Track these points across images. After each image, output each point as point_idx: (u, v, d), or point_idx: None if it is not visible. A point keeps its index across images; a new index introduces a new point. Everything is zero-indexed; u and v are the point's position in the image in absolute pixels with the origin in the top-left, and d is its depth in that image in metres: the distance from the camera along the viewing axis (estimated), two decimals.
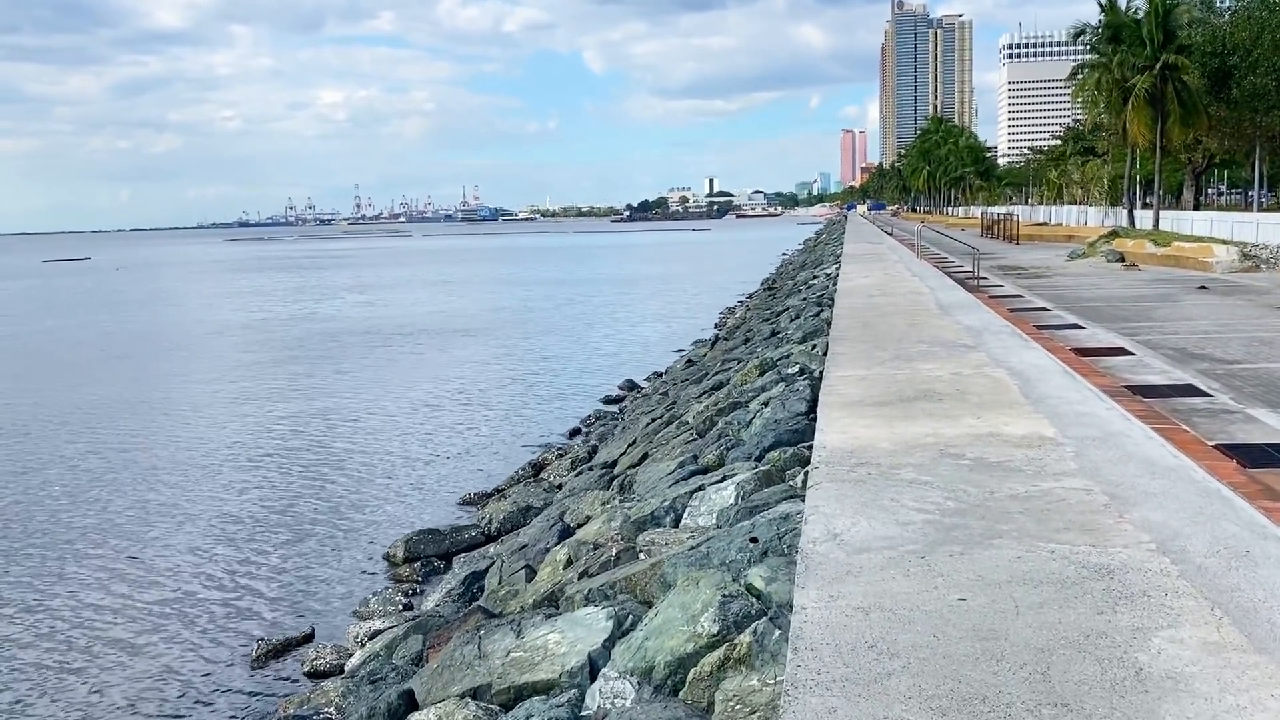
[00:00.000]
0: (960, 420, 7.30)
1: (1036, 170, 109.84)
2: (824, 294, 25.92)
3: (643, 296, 58.04)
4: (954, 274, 27.10)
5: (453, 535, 13.22)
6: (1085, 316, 17.63)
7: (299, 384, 28.40)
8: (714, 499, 9.10)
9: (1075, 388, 8.52)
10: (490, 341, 37.61)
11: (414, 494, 16.46)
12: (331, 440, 20.80)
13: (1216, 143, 51.38)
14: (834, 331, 13.37)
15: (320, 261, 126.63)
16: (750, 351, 21.36)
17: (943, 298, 17.92)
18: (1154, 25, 42.53)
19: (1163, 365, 12.36)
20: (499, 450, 19.55)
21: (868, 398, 8.21)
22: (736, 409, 13.49)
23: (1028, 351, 10.67)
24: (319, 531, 14.70)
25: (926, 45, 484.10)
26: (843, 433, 6.96)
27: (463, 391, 26.52)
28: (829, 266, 37.39)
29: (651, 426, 16.11)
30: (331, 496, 16.49)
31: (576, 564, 9.10)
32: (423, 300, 59.25)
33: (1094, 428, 7.07)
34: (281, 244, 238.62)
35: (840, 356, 10.80)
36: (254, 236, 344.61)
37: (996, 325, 13.30)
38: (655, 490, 10.71)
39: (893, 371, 9.54)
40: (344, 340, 38.83)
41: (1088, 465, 5.80)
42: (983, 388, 8.40)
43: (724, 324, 37.80)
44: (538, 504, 13.88)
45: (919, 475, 5.54)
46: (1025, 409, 7.49)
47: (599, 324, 43.66)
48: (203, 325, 47.69)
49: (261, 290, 72.86)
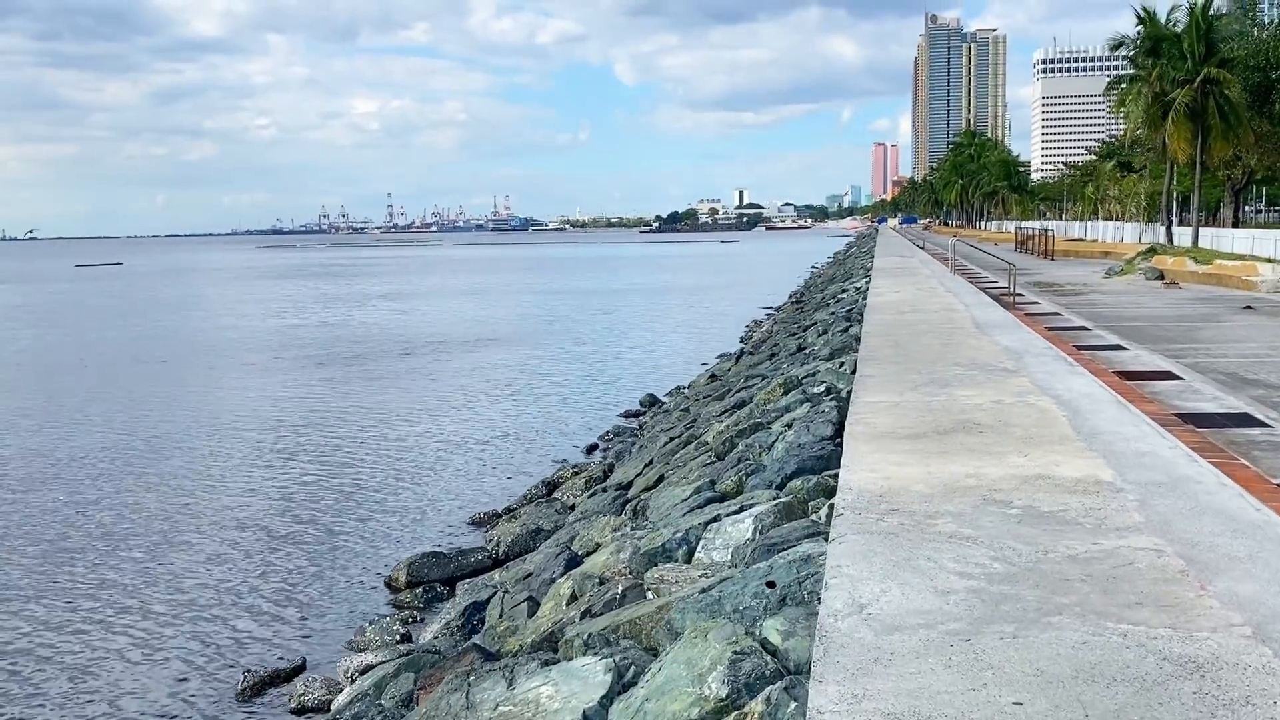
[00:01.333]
0: (1004, 458, 6.55)
1: (1071, 185, 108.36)
2: (853, 308, 25.18)
3: (669, 308, 57.37)
4: (989, 289, 26.27)
5: (458, 559, 12.60)
6: (1127, 337, 16.81)
7: (320, 394, 27.92)
8: (730, 532, 8.42)
9: (1132, 421, 7.81)
10: (515, 352, 37.06)
11: (423, 512, 15.85)
12: (346, 452, 20.26)
13: (1257, 159, 50.20)
14: (863, 351, 12.61)
15: (351, 269, 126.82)
16: (775, 368, 20.65)
17: (978, 315, 17.12)
18: (1195, 38, 41.51)
19: (1214, 391, 11.56)
20: (515, 465, 18.94)
21: (899, 429, 7.47)
22: (758, 431, 12.80)
23: (1074, 377, 9.86)
24: (322, 550, 14.12)
25: (960, 59, 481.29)
26: (871, 470, 6.23)
27: (484, 403, 25.96)
28: (859, 280, 36.60)
29: (669, 446, 15.44)
30: (339, 513, 15.91)
31: (580, 600, 8.43)
32: (451, 309, 58.89)
33: (1158, 471, 6.26)
34: (313, 251, 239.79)
35: (869, 380, 10.03)
36: (286, 244, 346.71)
37: (1038, 346, 12.48)
38: (668, 519, 10.04)
39: (927, 398, 8.77)
40: (369, 349, 38.40)
41: (1155, 518, 5.03)
42: (1027, 419, 7.62)
43: (750, 338, 37.07)
44: (548, 526, 13.24)
45: (959, 527, 4.81)
46: (1077, 445, 6.71)
47: (624, 335, 43.04)
48: (227, 332, 47.43)
49: (290, 297, 72.76)
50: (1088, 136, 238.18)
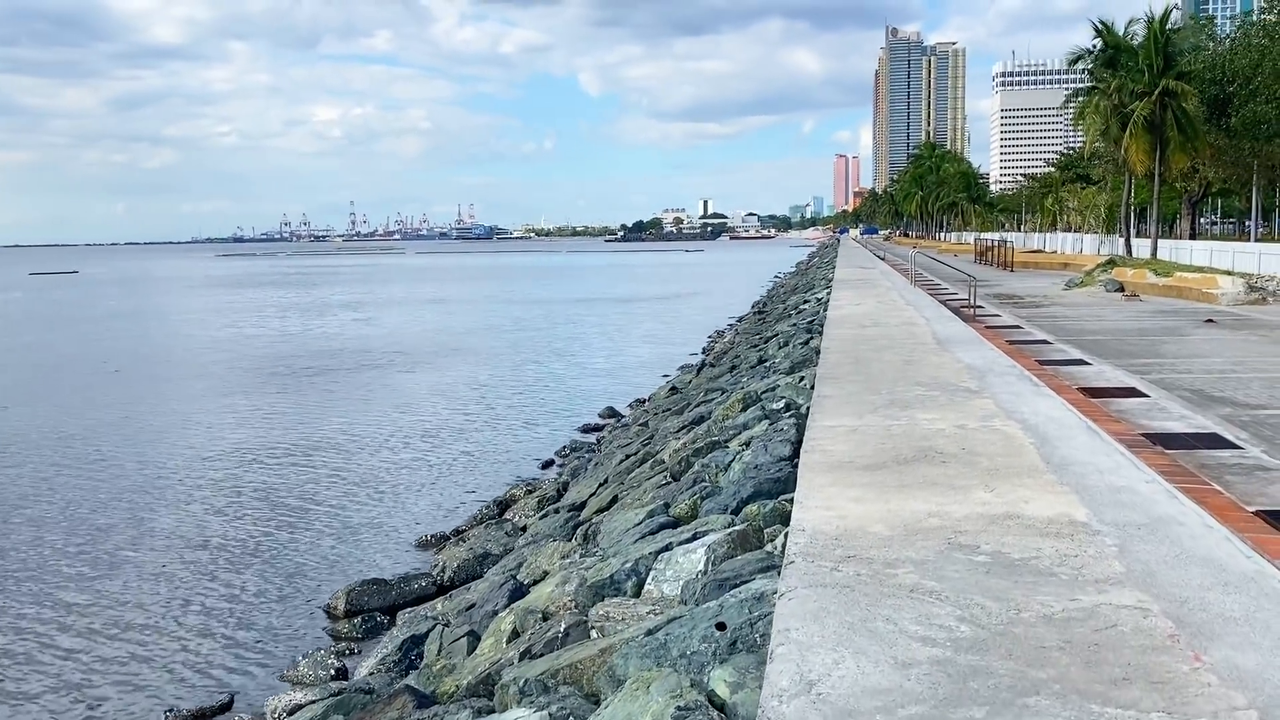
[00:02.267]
0: (969, 493, 6.08)
1: (1029, 197, 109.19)
2: (814, 320, 24.84)
3: (633, 317, 56.96)
4: (949, 302, 26.03)
5: (400, 586, 12.04)
6: (1090, 351, 16.54)
7: (271, 407, 27.18)
8: (681, 563, 7.95)
9: (1104, 450, 7.34)
10: (475, 363, 36.45)
11: (370, 534, 15.26)
12: (293, 469, 19.61)
13: (1214, 171, 50.56)
14: (821, 368, 12.14)
15: (312, 278, 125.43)
16: (735, 381, 20.23)
17: (939, 329, 16.75)
18: (1153, 51, 41.69)
19: (1181, 409, 11.25)
20: (468, 483, 18.39)
21: (858, 457, 6.99)
22: (715, 450, 12.34)
23: (1040, 399, 9.43)
24: (261, 574, 13.51)
25: (920, 72, 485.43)
26: (827, 508, 5.72)
27: (440, 417, 25.36)
28: (820, 291, 36.33)
29: (625, 464, 14.95)
30: (281, 534, 15.29)
31: (522, 638, 7.93)
32: (412, 319, 58.11)
33: (1136, 509, 5.76)
34: (274, 259, 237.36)
35: (827, 401, 9.54)
36: (247, 252, 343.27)
37: (1001, 364, 12.08)
38: (619, 545, 9.56)
39: (887, 422, 8.30)
40: (326, 360, 37.63)
41: (1137, 568, 4.52)
42: (993, 447, 7.15)
43: (712, 349, 36.70)
44: (497, 550, 12.72)
45: (922, 578, 4.34)
46: (1047, 479, 6.27)
47: (587, 345, 42.55)
48: (181, 342, 46.45)
49: (248, 306, 71.61)
50: (1046, 149, 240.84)
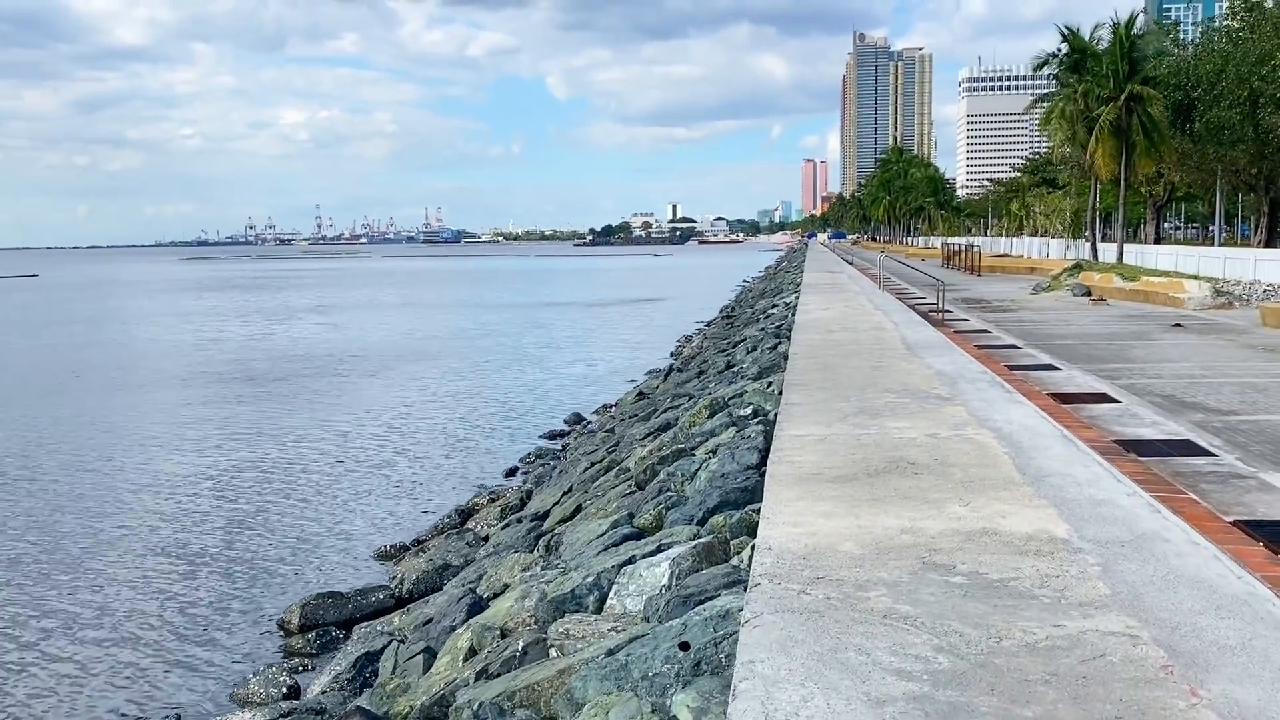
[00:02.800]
0: (944, 507, 5.80)
1: (996, 202, 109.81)
2: (783, 324, 24.64)
3: (600, 322, 56.65)
4: (917, 306, 25.91)
5: (357, 599, 11.67)
6: (1059, 356, 16.40)
7: (231, 414, 26.66)
8: (645, 577, 7.66)
9: (1081, 460, 7.11)
10: (440, 368, 36.01)
11: (327, 545, 14.86)
12: (252, 477, 19.15)
13: (1179, 176, 50.89)
14: (789, 374, 11.87)
15: (277, 282, 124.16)
16: (702, 387, 19.98)
17: (909, 334, 16.54)
18: (1119, 56, 41.89)
19: (1152, 415, 11.08)
20: (429, 491, 18.01)
21: (827, 469, 6.71)
22: (681, 458, 12.07)
23: (1013, 406, 9.18)
24: (213, 588, 13.09)
25: (887, 77, 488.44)
26: (794, 525, 5.47)
27: (403, 423, 24.94)
28: (788, 295, 36.17)
29: (590, 472, 14.65)
30: (237, 544, 14.86)
31: (479, 655, 7.61)
32: (377, 323, 57.49)
33: (1118, 524, 5.48)
34: (239, 263, 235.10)
35: (795, 409, 9.25)
36: (211, 256, 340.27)
37: (972, 370, 11.85)
38: (582, 558, 9.26)
39: (857, 431, 8.03)
40: (289, 366, 37.06)
41: (1123, 590, 4.30)
42: (967, 457, 6.92)
43: (679, 353, 36.46)
44: (457, 562, 12.38)
45: (896, 602, 4.06)
46: (1024, 491, 6.02)
47: (554, 350, 42.19)
48: (141, 347, 45.67)
49: (211, 311, 70.65)
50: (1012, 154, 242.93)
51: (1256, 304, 24.69)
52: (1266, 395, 12.48)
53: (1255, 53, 39.79)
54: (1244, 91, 40.25)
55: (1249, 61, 40.17)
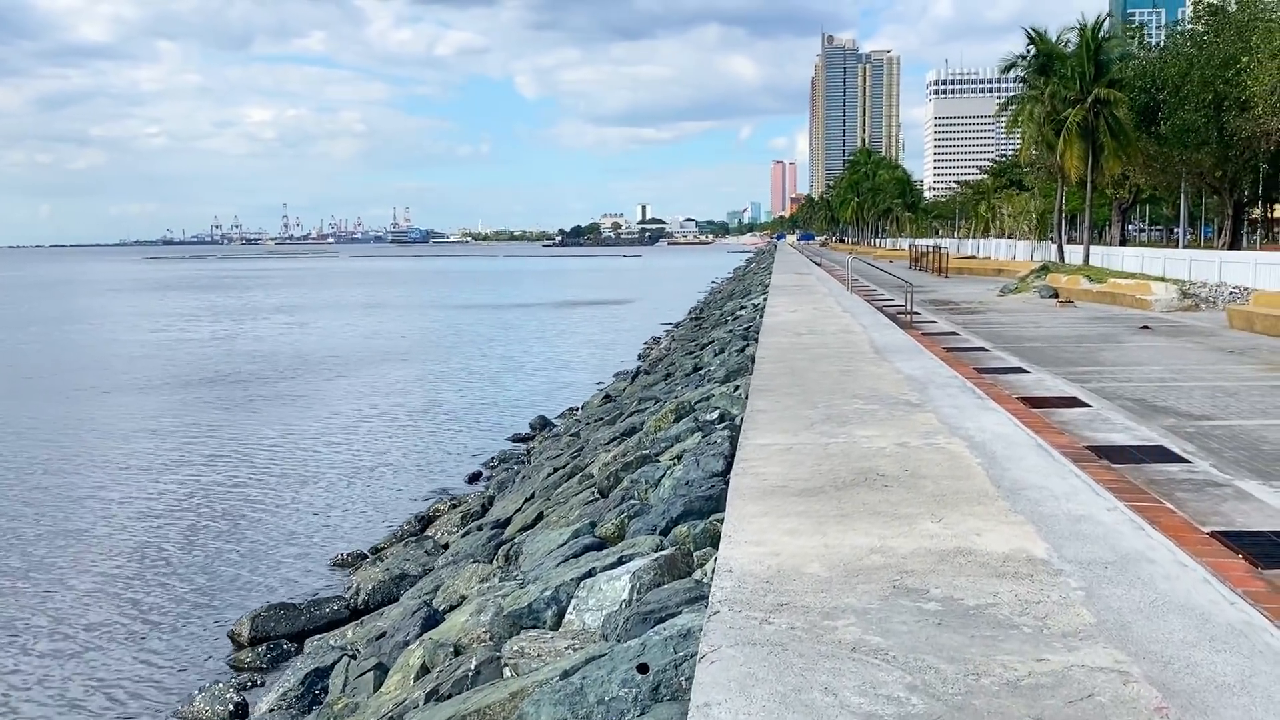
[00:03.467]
0: (915, 524, 5.49)
1: (963, 203, 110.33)
2: (751, 326, 24.41)
3: (569, 323, 56.28)
4: (885, 308, 25.76)
5: (310, 610, 11.30)
6: (1028, 359, 16.25)
7: (189, 417, 26.11)
8: (605, 591, 7.36)
9: (1058, 472, 6.83)
10: (405, 370, 35.55)
11: (282, 553, 14.46)
12: (207, 482, 18.68)
13: (1144, 178, 51.19)
14: (755, 379, 11.57)
15: (242, 281, 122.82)
16: (669, 390, 19.71)
17: (877, 337, 16.32)
18: (1085, 58, 42.03)
19: (1124, 420, 10.90)
20: (390, 496, 17.62)
21: (793, 481, 6.40)
22: (645, 464, 11.78)
23: (985, 413, 8.92)
24: (163, 598, 12.67)
25: (855, 80, 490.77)
26: (758, 544, 5.16)
27: (365, 426, 24.51)
28: (757, 297, 35.98)
29: (553, 478, 14.32)
30: (188, 554, 14.42)
31: (431, 674, 7.29)
32: (343, 324, 56.81)
33: (1100, 543, 5.18)
34: (204, 263, 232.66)
35: (761, 416, 8.96)
36: (176, 255, 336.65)
37: (942, 375, 11.60)
38: (541, 569, 8.95)
39: (824, 440, 7.73)
40: (250, 368, 36.46)
41: (1109, 618, 4.01)
42: (939, 468, 6.63)
43: (647, 355, 36.18)
44: (415, 571, 12.03)
45: (865, 633, 3.76)
46: (999, 506, 5.73)
47: (522, 352, 41.79)
48: (99, 348, 44.85)
49: (174, 311, 69.63)
50: (979, 156, 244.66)
51: (1223, 306, 24.72)
52: (1237, 399, 12.35)
53: (1220, 56, 40.05)
54: (1209, 95, 40.51)
55: (1213, 65, 40.43)
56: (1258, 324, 19.85)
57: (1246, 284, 27.50)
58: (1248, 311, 20.77)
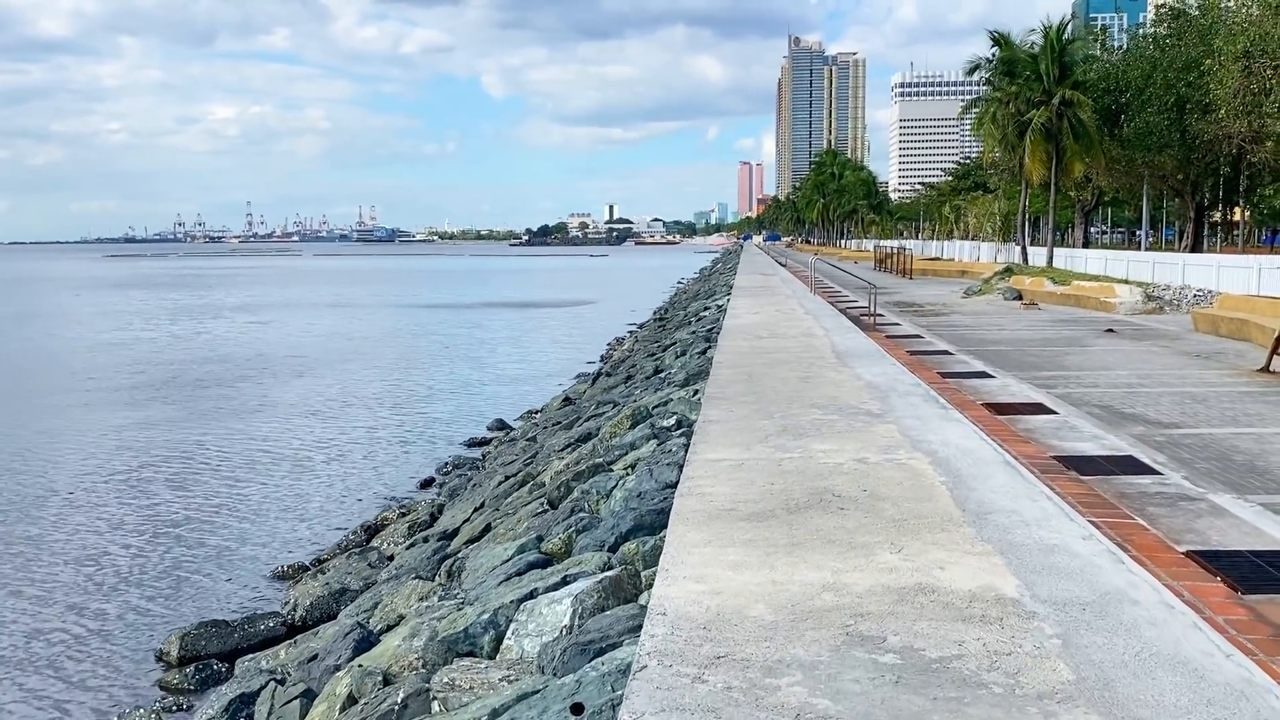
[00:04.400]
0: (873, 554, 5.00)
1: (928, 205, 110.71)
2: (714, 328, 24.00)
3: (533, 323, 55.70)
4: (849, 310, 25.44)
5: (244, 628, 10.74)
6: (992, 363, 15.92)
7: (132, 419, 25.35)
8: (545, 615, 6.88)
9: (1027, 492, 6.36)
10: (362, 370, 34.86)
11: (222, 563, 13.86)
12: (147, 487, 18.02)
13: (1107, 180, 51.34)
14: (710, 387, 11.09)
15: (204, 280, 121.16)
16: (628, 394, 19.25)
17: (839, 341, 15.91)
18: (1050, 60, 42.02)
19: (1092, 428, 10.55)
20: (339, 504, 17.03)
21: (742, 502, 5.91)
22: (598, 474, 11.31)
23: (949, 425, 8.47)
24: (90, 613, 12.05)
25: (822, 81, 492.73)
26: (698, 580, 4.66)
27: (319, 428, 23.87)
28: (721, 298, 35.60)
29: (504, 486, 13.82)
30: (120, 563, 13.79)
31: (357, 706, 6.78)
32: (304, 325, 55.89)
33: (1076, 579, 4.69)
34: (166, 260, 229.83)
35: (713, 428, 8.50)
36: (137, 253, 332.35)
37: (905, 382, 11.18)
38: (482, 588, 8.46)
39: (779, 454, 7.23)
40: (203, 368, 35.63)
41: (1090, 674, 3.55)
42: (899, 488, 6.14)
43: (610, 356, 35.71)
44: (356, 586, 11.48)
45: (812, 694, 3.25)
46: (964, 532, 5.25)
47: (484, 352, 41.21)
48: (46, 349, 43.80)
49: (132, 310, 68.35)
50: (944, 158, 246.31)
51: (1187, 309, 24.58)
52: (1206, 406, 12.04)
53: (1182, 59, 40.18)
54: (1171, 97, 40.64)
55: (1176, 68, 40.57)
56: (1222, 327, 19.66)
57: (1210, 287, 27.42)
58: (1212, 315, 20.59)
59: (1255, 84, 28.26)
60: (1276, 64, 26.70)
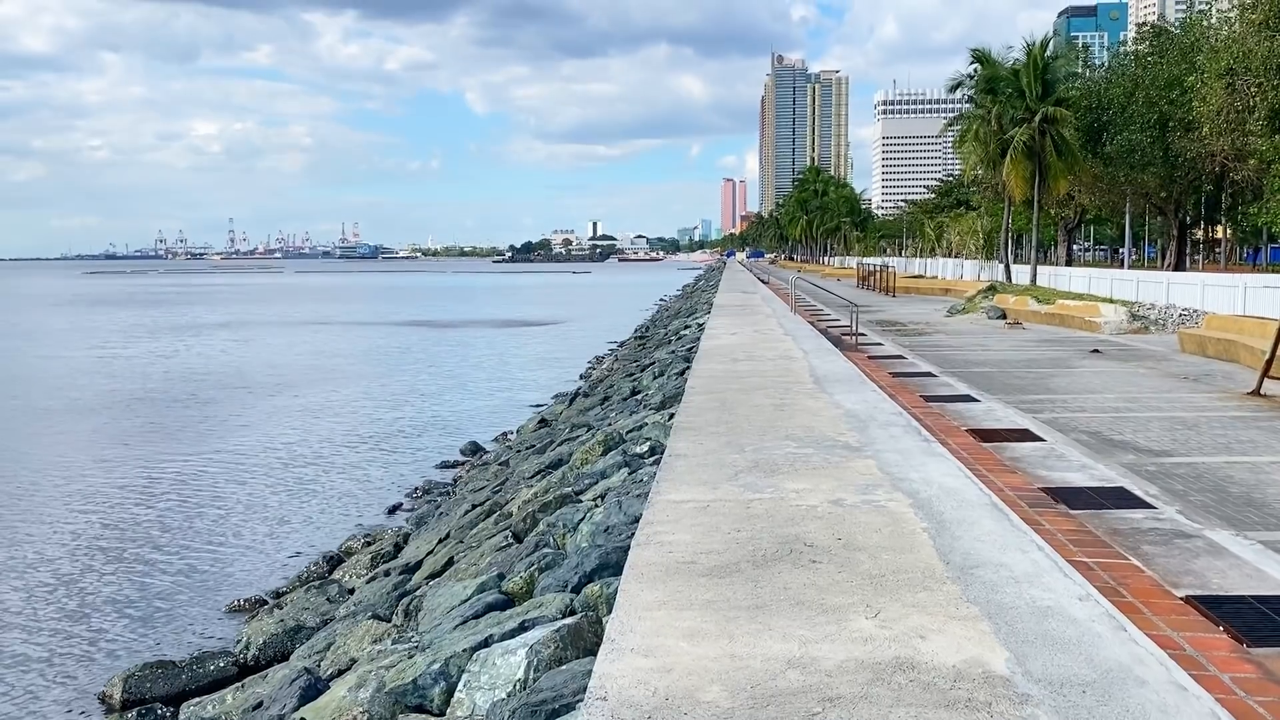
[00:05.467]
0: (846, 620, 4.45)
1: (910, 222, 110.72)
2: (693, 347, 23.55)
3: (514, 340, 55.14)
4: (830, 329, 25.03)
5: (193, 668, 10.16)
6: (976, 385, 15.50)
7: (96, 442, 24.71)
8: (498, 666, 6.37)
9: (1016, 541, 5.83)
10: (337, 390, 34.24)
11: (176, 596, 13.27)
12: (110, 513, 17.42)
13: (1090, 198, 51.22)
14: (680, 416, 10.54)
15: (183, 297, 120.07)
16: (603, 416, 18.76)
17: (818, 365, 15.43)
18: (1032, 77, 41.84)
19: (1080, 457, 10.12)
20: (302, 531, 16.46)
21: (704, 554, 5.33)
22: (565, 505, 10.82)
23: (931, 460, 7.95)
24: (30, 652, 11.46)
25: (805, 99, 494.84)
26: (646, 653, 4.08)
27: (288, 451, 23.27)
28: (702, 316, 35.16)
29: (470, 515, 13.29)
30: (67, 598, 13.18)
31: None
32: (285, 343, 55.19)
33: (1073, 651, 4.16)
34: (146, 277, 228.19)
35: (679, 463, 7.93)
36: (117, 269, 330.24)
37: (885, 410, 10.68)
38: (438, 631, 7.96)
39: (748, 495, 6.73)
40: (175, 389, 34.96)
41: None
42: (878, 535, 5.59)
43: (589, 375, 35.21)
44: (313, 623, 10.94)
45: None
46: (948, 591, 4.73)
47: (463, 370, 40.63)
48: (7, 368, 43.02)
49: (106, 328, 67.47)
50: (926, 175, 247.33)
51: (1173, 329, 24.26)
52: (1198, 432, 11.63)
53: (1164, 77, 40.11)
54: (1154, 115, 40.53)
55: (1158, 85, 40.49)
56: (1210, 348, 19.31)
57: (1195, 306, 27.14)
58: (1199, 335, 20.24)
59: (1239, 101, 28.06)
60: (1260, 81, 26.50)
